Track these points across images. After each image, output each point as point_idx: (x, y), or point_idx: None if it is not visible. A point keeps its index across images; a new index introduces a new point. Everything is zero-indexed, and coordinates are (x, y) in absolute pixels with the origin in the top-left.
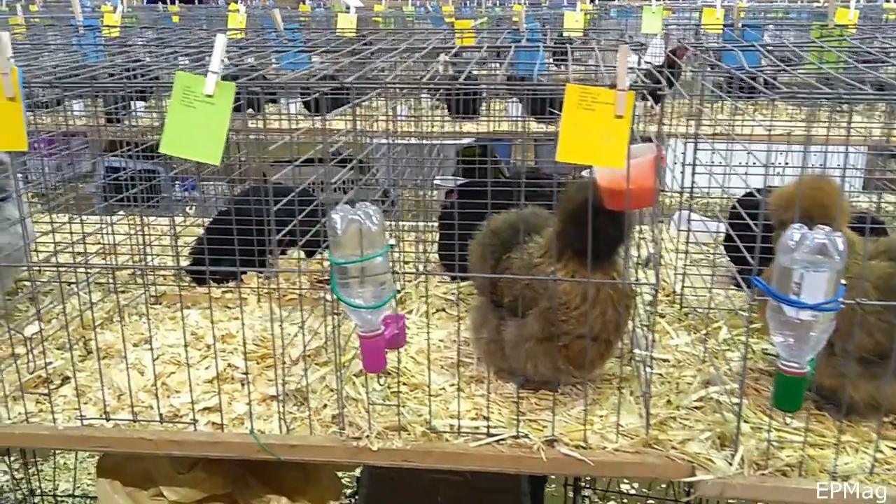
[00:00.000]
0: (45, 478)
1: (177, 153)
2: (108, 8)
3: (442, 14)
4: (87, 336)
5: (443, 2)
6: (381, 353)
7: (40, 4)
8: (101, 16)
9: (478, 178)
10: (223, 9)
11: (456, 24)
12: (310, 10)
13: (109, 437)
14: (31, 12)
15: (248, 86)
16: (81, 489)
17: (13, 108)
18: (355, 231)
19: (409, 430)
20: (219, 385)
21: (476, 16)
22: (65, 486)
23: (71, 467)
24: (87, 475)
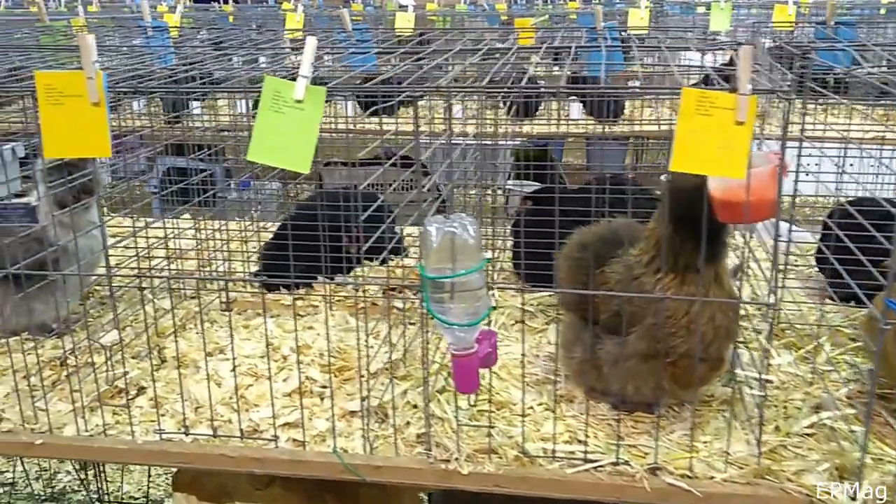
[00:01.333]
0: (107, 479)
1: (264, 161)
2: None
3: (497, 12)
4: (162, 344)
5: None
6: (474, 373)
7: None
8: (159, 16)
9: (534, 180)
10: (276, 8)
11: (516, 22)
12: (362, 9)
13: (189, 453)
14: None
15: (340, 89)
16: (144, 492)
17: (98, 114)
18: (451, 244)
19: (501, 454)
20: (301, 400)
21: (536, 14)
22: (127, 488)
23: (131, 469)
24: (147, 478)
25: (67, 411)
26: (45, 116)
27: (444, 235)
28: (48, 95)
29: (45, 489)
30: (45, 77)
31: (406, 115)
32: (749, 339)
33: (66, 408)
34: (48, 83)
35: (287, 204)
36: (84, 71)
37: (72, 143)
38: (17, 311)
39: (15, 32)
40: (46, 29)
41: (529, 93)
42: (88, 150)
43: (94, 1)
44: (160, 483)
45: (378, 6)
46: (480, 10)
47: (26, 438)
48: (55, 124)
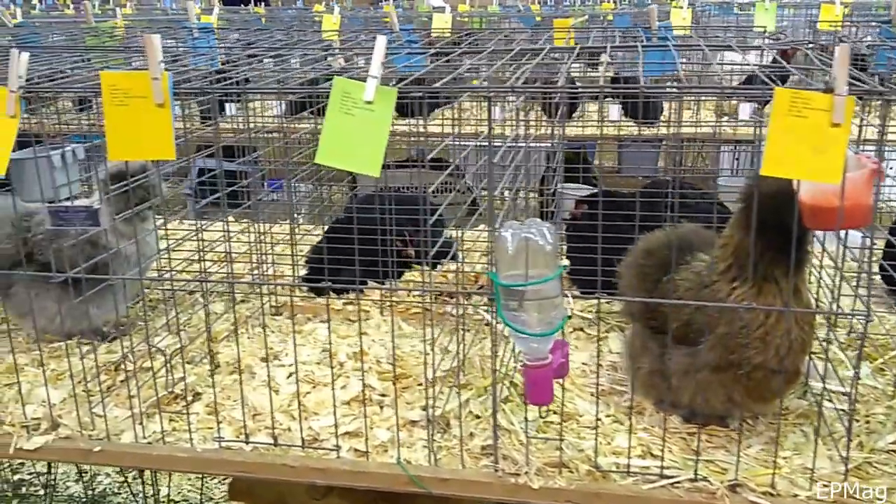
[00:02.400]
0: (146, 482)
1: (333, 164)
2: (198, 10)
3: (532, 13)
4: (215, 349)
5: (529, 1)
6: (548, 385)
7: (131, 6)
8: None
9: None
10: (306, 10)
11: (555, 23)
12: (392, 10)
13: (249, 462)
14: (126, 15)
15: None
16: (182, 494)
17: (162, 115)
18: (528, 250)
19: (571, 468)
20: (364, 409)
21: (573, 14)
22: (165, 491)
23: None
24: (186, 480)
25: (125, 417)
26: (109, 117)
27: (520, 241)
28: (113, 96)
29: (85, 491)
30: (110, 77)
31: (439, 117)
32: (819, 350)
33: (123, 414)
34: (113, 83)
35: (322, 206)
36: (149, 71)
37: (135, 144)
38: (73, 314)
39: (59, 34)
40: (91, 31)
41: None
42: (152, 153)
43: (128, 3)
44: (198, 486)
45: (408, 7)
46: (515, 10)
47: (84, 445)
48: (119, 125)
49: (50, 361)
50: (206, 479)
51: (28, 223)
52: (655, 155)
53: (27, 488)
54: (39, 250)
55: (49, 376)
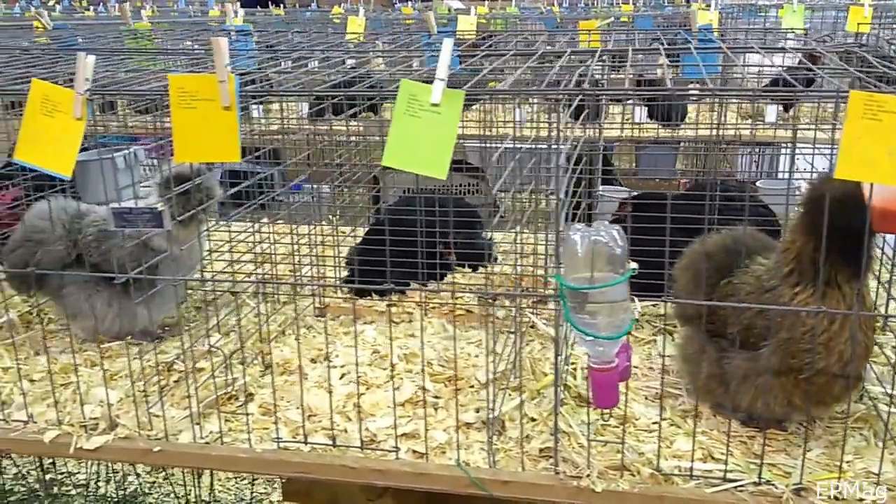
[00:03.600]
0: (176, 483)
1: (400, 166)
2: (216, 13)
3: (553, 15)
4: (265, 350)
5: (549, 2)
6: (614, 388)
7: (151, 8)
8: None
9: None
10: (323, 12)
11: (581, 25)
12: (411, 12)
13: (309, 463)
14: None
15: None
16: (213, 495)
17: (228, 118)
18: (597, 253)
19: (633, 471)
20: (424, 410)
21: (595, 16)
22: (196, 491)
23: (202, 472)
24: (217, 481)
25: (181, 418)
26: (176, 120)
27: (589, 244)
28: (180, 99)
29: (117, 491)
30: (178, 80)
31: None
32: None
33: (179, 414)
34: (181, 86)
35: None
36: (217, 74)
37: (202, 147)
38: (124, 315)
39: (99, 37)
40: (131, 33)
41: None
42: (218, 155)
43: (147, 6)
44: (229, 487)
45: (420, 10)
46: (531, 12)
47: (144, 445)
48: (186, 128)
49: (103, 362)
50: (238, 479)
51: (79, 224)
52: (673, 157)
53: (59, 488)
54: (89, 252)
55: (104, 376)
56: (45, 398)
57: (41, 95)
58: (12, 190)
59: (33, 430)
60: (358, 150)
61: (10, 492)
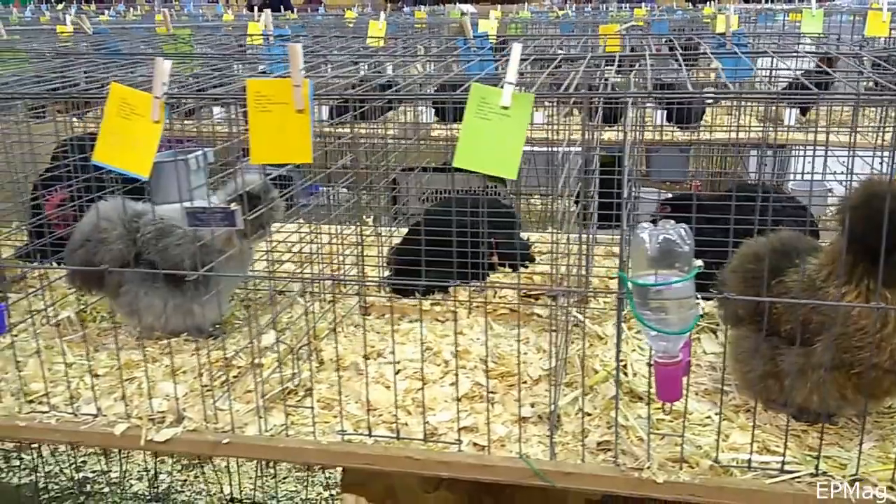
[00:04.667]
0: (208, 480)
1: (471, 167)
2: (229, 17)
3: (571, 20)
4: (318, 347)
5: (557, 7)
6: (677, 382)
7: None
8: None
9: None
10: (338, 17)
11: (601, 29)
12: (424, 16)
13: (375, 455)
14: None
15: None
16: (244, 493)
17: (302, 121)
18: (666, 251)
19: (692, 463)
20: (487, 406)
21: (618, 20)
22: (229, 489)
23: (231, 470)
24: (247, 479)
25: (245, 411)
26: (253, 122)
27: (659, 242)
28: (257, 102)
29: (149, 489)
30: (255, 84)
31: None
32: None
33: (242, 408)
34: (257, 90)
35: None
36: (291, 78)
37: (276, 149)
38: (179, 312)
39: (133, 41)
40: (169, 38)
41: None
42: (291, 157)
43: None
44: (260, 486)
45: (438, 13)
46: (546, 16)
47: (212, 438)
48: (262, 130)
49: (163, 357)
50: (268, 478)
51: (137, 224)
52: (685, 160)
53: (92, 486)
54: (147, 250)
55: (165, 371)
56: (111, 392)
57: (119, 99)
58: (59, 192)
59: (103, 423)
60: (375, 153)
61: (44, 489)
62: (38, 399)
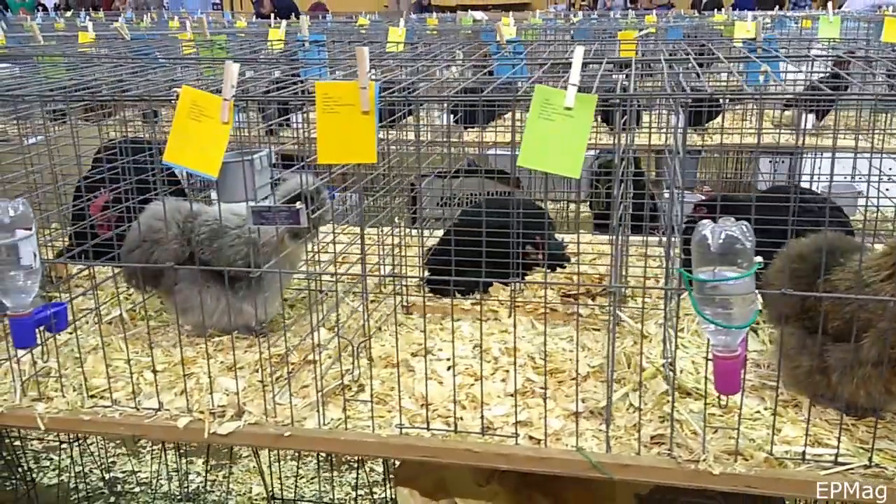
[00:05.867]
0: (237, 480)
1: (534, 167)
2: (242, 24)
3: (586, 27)
4: (367, 344)
5: (572, 13)
6: (736, 375)
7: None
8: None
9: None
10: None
11: (620, 35)
12: (437, 23)
13: (434, 448)
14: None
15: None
16: (273, 493)
17: (367, 122)
18: (728, 247)
19: (746, 456)
20: (545, 400)
21: (631, 27)
22: (258, 489)
23: (258, 471)
24: (276, 479)
25: (303, 405)
26: (321, 124)
27: (720, 238)
28: (325, 104)
29: (179, 489)
30: (323, 86)
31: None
32: None
33: (300, 402)
34: (325, 92)
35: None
36: (358, 81)
37: (342, 150)
38: (231, 311)
39: (171, 48)
40: (205, 44)
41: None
42: (356, 157)
43: (175, 18)
44: (291, 485)
45: (449, 21)
46: (555, 23)
47: (274, 431)
48: (329, 132)
49: (216, 354)
50: (297, 478)
51: (191, 224)
52: (694, 163)
53: (122, 486)
54: (201, 249)
55: (221, 367)
56: (171, 387)
57: (190, 101)
58: (102, 195)
59: (165, 416)
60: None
61: (75, 489)
62: (99, 394)
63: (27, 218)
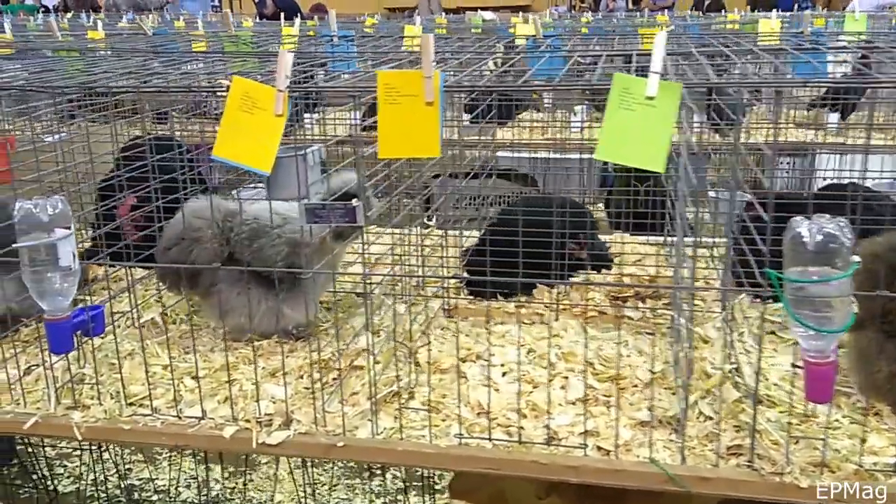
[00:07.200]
0: (257, 488)
1: (614, 160)
2: (248, 23)
3: (604, 25)
4: (413, 349)
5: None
6: (829, 382)
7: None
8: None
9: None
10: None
11: (640, 31)
12: (445, 22)
13: (498, 459)
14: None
15: None
16: (296, 501)
17: (431, 114)
18: (826, 246)
19: (832, 467)
20: (618, 409)
21: (645, 25)
22: (279, 497)
23: (280, 478)
24: (299, 486)
25: (354, 414)
26: (382, 116)
27: (818, 236)
28: (387, 94)
29: (198, 496)
30: (386, 76)
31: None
32: None
33: (349, 410)
34: (388, 82)
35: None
36: (423, 70)
37: (405, 143)
38: (271, 314)
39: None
40: (230, 38)
41: None
42: (419, 150)
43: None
44: (310, 493)
45: (457, 21)
46: (565, 22)
47: (325, 441)
48: (391, 124)
49: (257, 359)
50: (312, 485)
51: (231, 223)
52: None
53: (139, 493)
54: (240, 249)
55: (262, 373)
56: (212, 395)
57: (241, 92)
58: (129, 197)
59: (209, 426)
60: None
61: (91, 497)
62: (138, 402)
63: (66, 216)
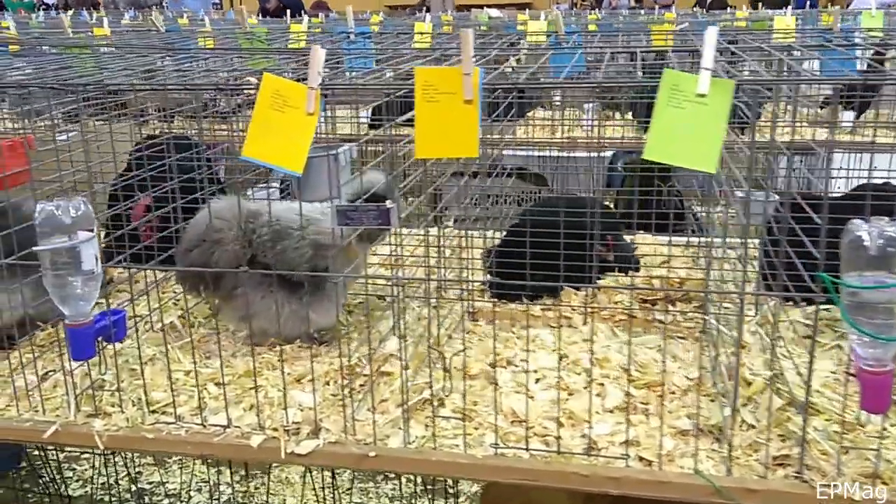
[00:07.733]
0: (270, 492)
1: (664, 159)
2: (253, 21)
3: (613, 21)
4: (444, 353)
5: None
6: (887, 391)
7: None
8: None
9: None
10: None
11: (652, 28)
12: (451, 19)
13: (536, 470)
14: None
15: None
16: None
17: (469, 112)
18: (885, 250)
19: (885, 479)
20: (662, 418)
21: (654, 22)
22: (291, 500)
23: (292, 482)
24: (311, 491)
25: (384, 422)
26: (419, 114)
27: (880, 240)
28: (424, 92)
29: (210, 500)
30: (424, 73)
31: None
32: None
33: (381, 419)
34: (425, 79)
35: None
36: (462, 66)
37: (442, 142)
38: (294, 318)
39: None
40: (246, 36)
41: None
42: (457, 150)
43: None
44: (321, 497)
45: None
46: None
47: (356, 450)
48: (428, 122)
49: (281, 365)
50: (329, 489)
51: (253, 225)
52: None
53: (150, 497)
54: (263, 252)
55: (288, 380)
56: (237, 402)
57: (272, 90)
58: (143, 200)
59: (236, 434)
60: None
61: (101, 501)
62: (161, 409)
63: (89, 218)
